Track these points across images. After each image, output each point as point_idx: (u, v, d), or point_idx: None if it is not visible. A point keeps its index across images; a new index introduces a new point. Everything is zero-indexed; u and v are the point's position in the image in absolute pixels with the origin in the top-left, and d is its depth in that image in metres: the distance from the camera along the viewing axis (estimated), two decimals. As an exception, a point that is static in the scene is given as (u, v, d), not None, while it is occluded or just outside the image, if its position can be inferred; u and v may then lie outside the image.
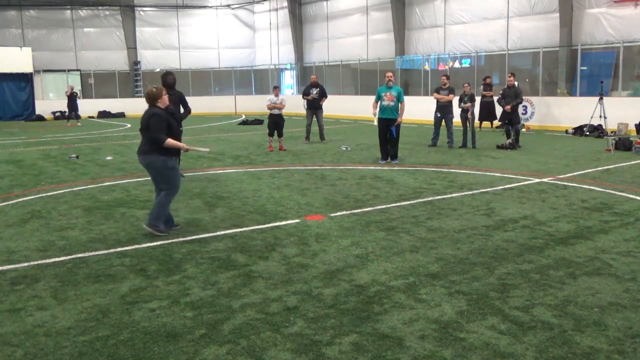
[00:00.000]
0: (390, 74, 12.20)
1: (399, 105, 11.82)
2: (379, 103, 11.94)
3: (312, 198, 8.36)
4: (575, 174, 10.19)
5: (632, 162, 11.46)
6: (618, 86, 18.43)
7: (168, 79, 9.90)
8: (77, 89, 26.44)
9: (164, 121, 6.29)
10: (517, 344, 3.66)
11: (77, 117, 25.08)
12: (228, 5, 35.45)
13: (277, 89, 15.31)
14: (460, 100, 14.48)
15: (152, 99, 6.37)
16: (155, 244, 6.11)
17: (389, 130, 11.81)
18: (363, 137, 17.76)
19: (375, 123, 12.09)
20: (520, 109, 17.14)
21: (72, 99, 24.66)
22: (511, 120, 14.32)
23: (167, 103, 6.49)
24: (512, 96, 14.39)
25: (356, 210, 7.53)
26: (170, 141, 6.28)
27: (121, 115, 30.94)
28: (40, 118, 29.63)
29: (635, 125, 15.60)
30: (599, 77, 18.14)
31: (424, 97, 22.60)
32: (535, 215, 7.13)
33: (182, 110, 9.93)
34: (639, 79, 18.86)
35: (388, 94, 11.80)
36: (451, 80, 15.11)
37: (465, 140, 14.36)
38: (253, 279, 4.98)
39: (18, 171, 11.63)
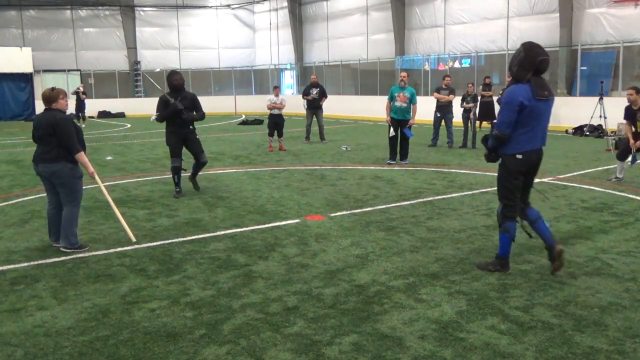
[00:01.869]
0: (404, 74, 12.14)
1: (412, 106, 11.77)
2: (391, 103, 11.85)
3: (312, 198, 8.36)
4: (575, 174, 10.19)
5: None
6: (618, 86, 18.43)
7: (173, 79, 8.57)
8: (79, 89, 26.18)
9: (73, 127, 5.85)
10: (517, 344, 3.66)
11: (81, 117, 25.01)
12: (228, 5, 35.45)
13: (277, 89, 15.33)
14: (463, 100, 14.48)
15: (46, 100, 5.82)
16: (155, 244, 6.11)
17: (401, 131, 11.76)
18: (363, 137, 17.76)
19: (392, 134, 11.87)
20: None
21: (77, 98, 24.64)
22: None
23: (66, 108, 5.95)
24: (512, 96, 14.37)
25: (356, 210, 7.53)
26: (83, 156, 5.84)
27: (121, 115, 30.94)
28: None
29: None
30: (599, 77, 18.15)
31: (424, 97, 22.54)
32: (535, 215, 7.12)
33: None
34: (639, 79, 18.84)
35: (401, 94, 11.73)
36: (451, 80, 15.11)
37: (465, 140, 14.37)
38: (253, 279, 4.98)
39: (18, 171, 11.63)
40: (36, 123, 5.93)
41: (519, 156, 4.74)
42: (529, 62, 4.60)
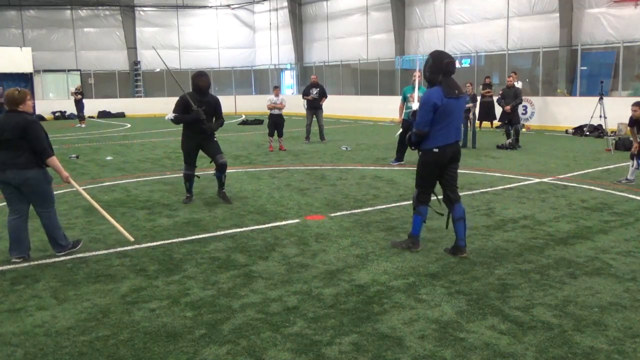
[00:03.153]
0: (417, 73, 12.00)
1: None
2: (405, 104, 11.74)
3: (312, 198, 8.36)
4: (575, 174, 10.19)
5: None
6: (618, 86, 18.44)
7: (199, 81, 7.80)
8: (72, 90, 26.06)
9: (43, 131, 5.50)
10: (517, 344, 3.67)
11: (78, 117, 25.01)
12: (228, 5, 35.45)
13: (277, 89, 15.34)
14: (462, 100, 14.46)
15: (12, 102, 5.40)
16: (155, 244, 6.11)
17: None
18: (363, 137, 17.76)
19: (397, 135, 11.79)
20: (520, 109, 17.14)
21: (74, 99, 24.69)
22: (511, 121, 14.32)
23: (31, 110, 5.59)
24: (512, 96, 14.39)
25: (356, 210, 7.53)
26: (55, 161, 5.49)
27: (121, 115, 30.94)
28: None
29: None
30: (599, 77, 18.14)
31: (424, 97, 22.60)
32: (535, 215, 7.13)
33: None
34: (639, 79, 18.85)
35: (414, 94, 11.60)
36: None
37: (465, 140, 14.36)
38: (253, 279, 4.98)
39: (18, 171, 11.60)
40: (2, 125, 5.39)
41: (436, 150, 5.46)
42: (437, 65, 5.38)
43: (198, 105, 7.72)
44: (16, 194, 5.50)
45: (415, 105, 11.29)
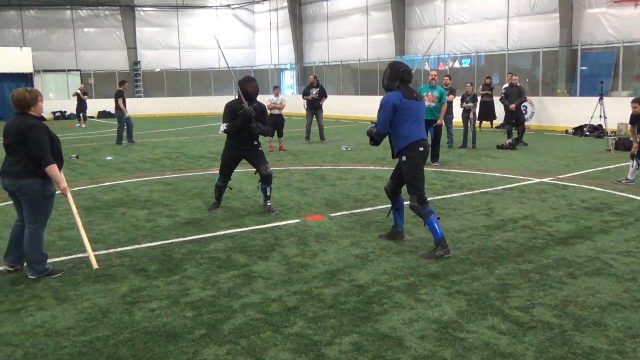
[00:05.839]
0: (434, 72, 11.85)
1: (441, 105, 11.50)
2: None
3: (312, 198, 8.36)
4: (575, 174, 10.19)
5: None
6: (618, 86, 18.43)
7: (249, 87, 7.36)
8: (77, 91, 26.00)
9: (46, 135, 5.01)
10: (517, 344, 3.66)
11: (82, 117, 24.95)
12: (228, 5, 35.46)
13: (277, 89, 15.35)
14: (462, 100, 14.48)
15: (22, 105, 4.98)
16: (155, 244, 6.11)
17: (428, 131, 11.60)
18: (363, 137, 17.72)
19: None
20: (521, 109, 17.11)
21: (78, 99, 24.69)
22: (517, 120, 14.29)
23: (42, 112, 5.19)
24: (516, 95, 14.36)
25: (356, 210, 7.53)
26: (55, 169, 4.97)
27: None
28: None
29: None
30: (599, 77, 18.14)
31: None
32: (535, 215, 7.12)
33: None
34: (639, 79, 18.86)
35: (430, 93, 11.45)
36: (451, 80, 15.08)
37: (465, 140, 14.37)
38: (253, 279, 4.98)
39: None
40: (5, 129, 5.02)
41: (421, 149, 5.64)
42: (394, 74, 5.71)
43: (245, 110, 7.21)
44: (19, 202, 5.15)
45: (430, 104, 11.38)
